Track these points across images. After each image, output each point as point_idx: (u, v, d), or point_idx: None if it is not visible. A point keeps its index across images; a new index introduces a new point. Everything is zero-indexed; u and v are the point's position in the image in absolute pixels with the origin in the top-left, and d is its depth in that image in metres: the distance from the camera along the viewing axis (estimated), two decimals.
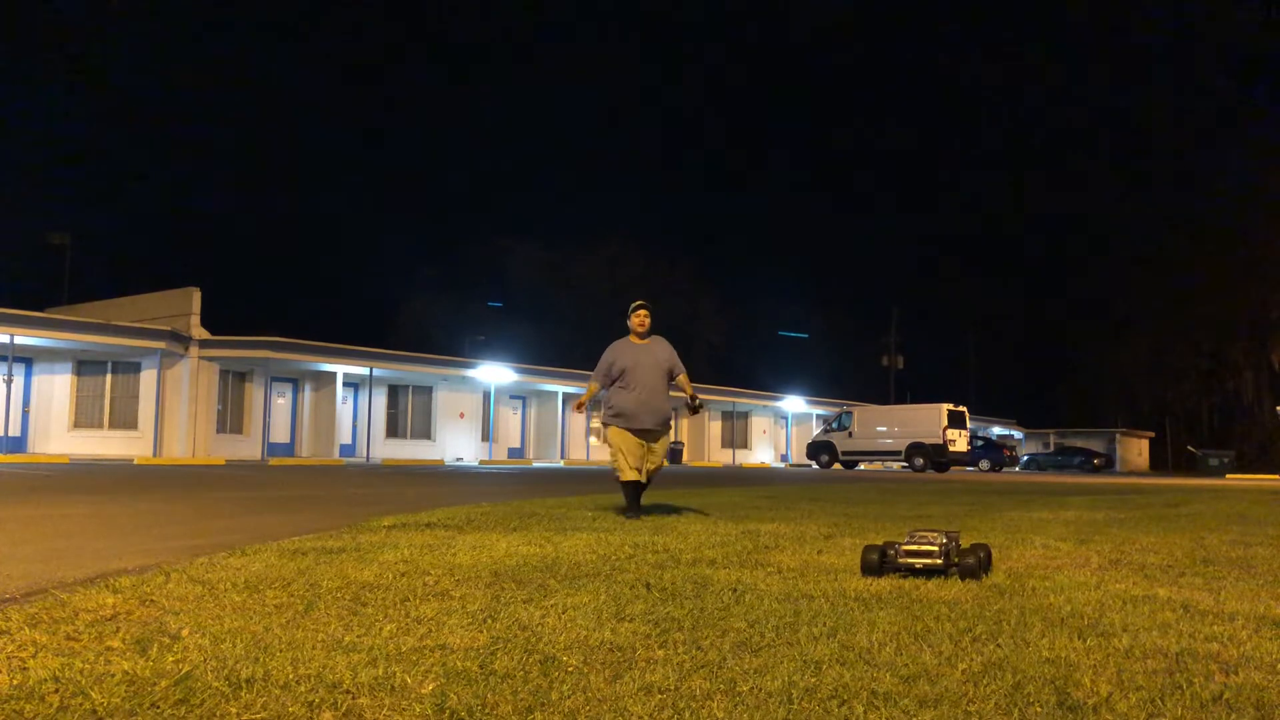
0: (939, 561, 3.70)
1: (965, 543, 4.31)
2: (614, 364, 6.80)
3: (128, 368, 25.00)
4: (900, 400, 43.88)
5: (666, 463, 7.06)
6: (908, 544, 3.80)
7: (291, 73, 73.83)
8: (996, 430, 49.01)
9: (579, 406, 7.00)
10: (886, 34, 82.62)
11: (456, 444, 31.59)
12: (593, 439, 36.18)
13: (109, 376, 25.11)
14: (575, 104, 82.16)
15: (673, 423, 7.25)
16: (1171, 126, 63.00)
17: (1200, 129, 60.45)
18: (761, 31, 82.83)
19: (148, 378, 24.62)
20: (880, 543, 3.98)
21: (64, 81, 60.85)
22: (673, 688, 2.00)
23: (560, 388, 33.76)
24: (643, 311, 6.95)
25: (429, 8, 76.57)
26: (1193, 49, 62.81)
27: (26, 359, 24.31)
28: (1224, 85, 60.26)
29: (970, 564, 3.71)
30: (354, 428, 29.69)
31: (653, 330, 6.97)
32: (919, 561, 3.72)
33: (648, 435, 6.71)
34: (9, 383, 21.89)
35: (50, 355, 24.43)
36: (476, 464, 27.01)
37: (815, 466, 34.27)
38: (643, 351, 6.82)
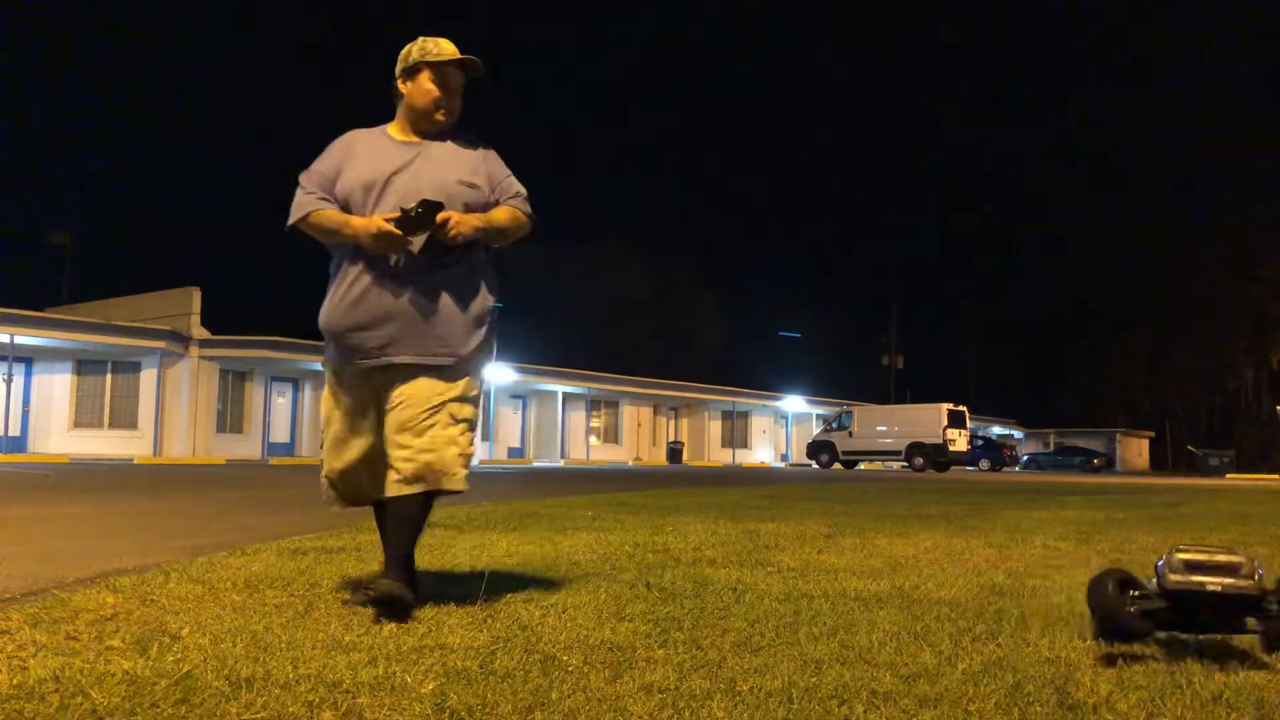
0: (1248, 584, 2.14)
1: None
2: (340, 177, 2.83)
3: (128, 367, 24.99)
4: (900, 400, 43.89)
5: (471, 449, 2.90)
6: (1187, 553, 2.20)
7: (292, 72, 73.83)
8: (996, 430, 49.01)
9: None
10: (891, 40, 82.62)
11: None
12: (593, 438, 36.17)
13: (109, 376, 25.11)
14: (575, 103, 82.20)
15: (490, 349, 2.99)
16: (1171, 128, 63.06)
17: (1199, 131, 60.58)
18: (765, 35, 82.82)
19: (148, 377, 24.61)
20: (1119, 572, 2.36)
21: (65, 81, 60.85)
22: (673, 687, 2.00)
23: (560, 387, 33.75)
24: (434, 70, 2.85)
25: (430, 9, 76.58)
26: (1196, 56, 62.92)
27: (26, 359, 24.30)
28: (1227, 91, 60.39)
29: None
30: None
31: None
32: (1215, 580, 2.15)
33: (377, 377, 2.83)
34: (9, 382, 21.88)
35: (50, 355, 24.42)
36: (476, 464, 26.99)
37: (815, 466, 34.28)
38: (416, 158, 2.85)
